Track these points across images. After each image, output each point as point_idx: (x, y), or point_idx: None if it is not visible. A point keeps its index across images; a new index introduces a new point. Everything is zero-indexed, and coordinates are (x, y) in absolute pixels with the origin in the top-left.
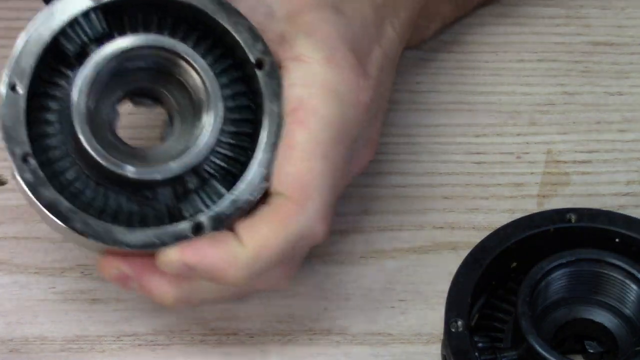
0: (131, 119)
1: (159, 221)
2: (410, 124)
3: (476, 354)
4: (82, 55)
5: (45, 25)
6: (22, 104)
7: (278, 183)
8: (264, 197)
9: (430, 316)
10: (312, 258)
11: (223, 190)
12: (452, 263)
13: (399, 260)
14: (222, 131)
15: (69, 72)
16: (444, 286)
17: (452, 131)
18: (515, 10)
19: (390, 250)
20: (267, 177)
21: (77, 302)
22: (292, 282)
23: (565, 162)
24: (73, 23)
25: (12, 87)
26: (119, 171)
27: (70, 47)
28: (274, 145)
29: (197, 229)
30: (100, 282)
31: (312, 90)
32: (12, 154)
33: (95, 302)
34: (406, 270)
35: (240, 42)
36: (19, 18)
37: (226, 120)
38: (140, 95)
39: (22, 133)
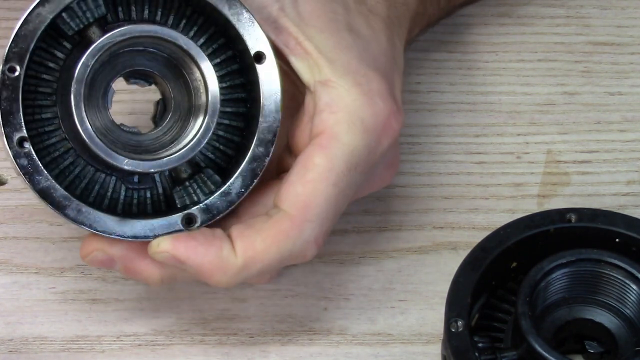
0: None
1: (151, 208)
2: (410, 124)
3: (476, 354)
4: (82, 35)
5: (44, 7)
6: (19, 85)
7: (284, 199)
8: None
9: (430, 316)
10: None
11: (217, 178)
12: (452, 263)
13: (399, 260)
14: (217, 124)
15: (68, 44)
16: (444, 286)
17: (452, 131)
18: (516, 10)
19: (390, 250)
20: (257, 174)
21: (77, 302)
22: (292, 282)
23: (565, 162)
24: (72, 5)
25: (11, 69)
26: (115, 163)
27: (69, 29)
28: (268, 143)
29: (189, 221)
30: (100, 282)
31: (338, 117)
32: (9, 138)
33: (95, 302)
34: (406, 270)
35: (241, 32)
36: (18, 18)
37: (221, 113)
38: (136, 77)
39: (19, 116)
